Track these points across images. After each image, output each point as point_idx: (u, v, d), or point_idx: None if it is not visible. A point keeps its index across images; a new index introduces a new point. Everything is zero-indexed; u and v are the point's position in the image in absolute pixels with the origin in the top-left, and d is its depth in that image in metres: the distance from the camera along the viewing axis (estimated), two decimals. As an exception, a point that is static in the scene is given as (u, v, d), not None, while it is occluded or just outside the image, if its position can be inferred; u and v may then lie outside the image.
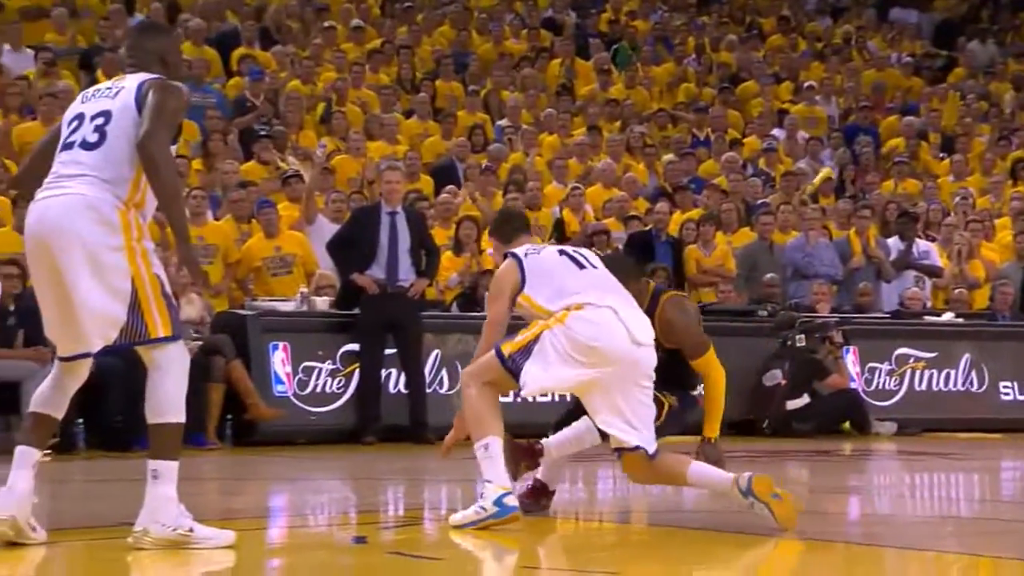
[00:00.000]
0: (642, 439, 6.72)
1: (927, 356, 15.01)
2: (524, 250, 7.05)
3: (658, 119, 20.53)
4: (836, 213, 17.42)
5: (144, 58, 6.24)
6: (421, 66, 20.40)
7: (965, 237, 17.04)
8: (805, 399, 13.94)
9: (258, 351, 12.49)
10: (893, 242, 16.93)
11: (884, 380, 14.84)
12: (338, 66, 19.10)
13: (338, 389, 12.71)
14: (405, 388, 12.73)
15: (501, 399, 6.92)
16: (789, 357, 13.98)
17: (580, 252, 7.22)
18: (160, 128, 5.91)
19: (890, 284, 16.52)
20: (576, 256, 7.09)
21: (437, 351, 12.92)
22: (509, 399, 7.01)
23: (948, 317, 15.65)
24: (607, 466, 7.06)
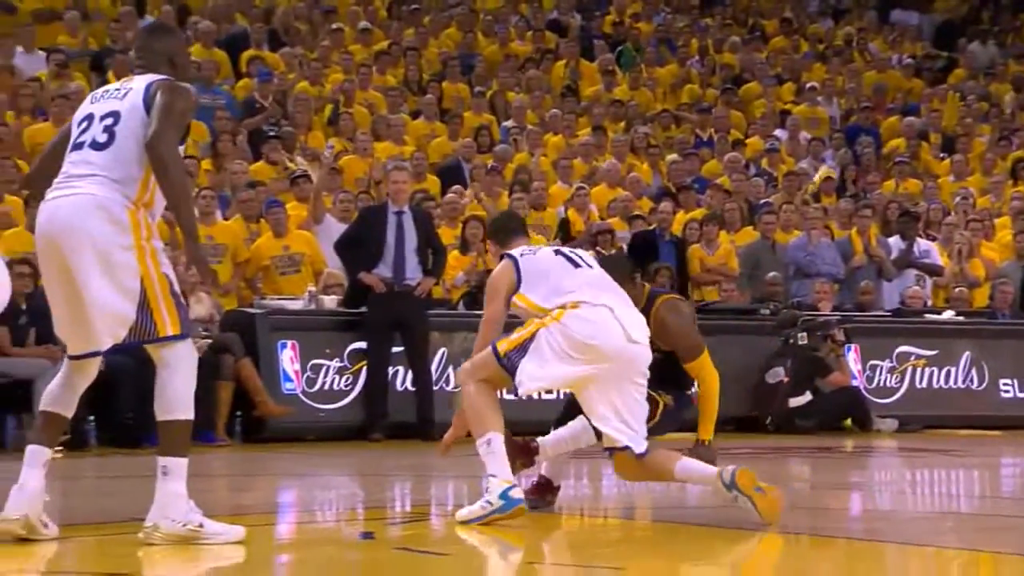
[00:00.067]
0: (632, 439, 6.73)
1: (928, 354, 15.00)
2: (520, 251, 7.06)
3: (662, 120, 20.52)
4: (838, 213, 17.39)
5: (152, 59, 6.24)
6: (428, 67, 20.39)
7: (965, 236, 17.02)
8: (807, 396, 13.93)
9: (267, 349, 12.50)
10: (894, 241, 16.91)
11: (885, 378, 14.82)
12: (346, 68, 19.09)
13: (346, 387, 12.71)
14: (412, 385, 12.73)
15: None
16: (791, 355, 13.97)
17: (576, 252, 7.23)
18: (168, 128, 5.91)
19: (891, 283, 16.51)
20: (572, 256, 7.10)
21: (444, 349, 12.92)
22: (509, 396, 6.95)
23: (948, 315, 15.62)
24: (611, 463, 7.06)
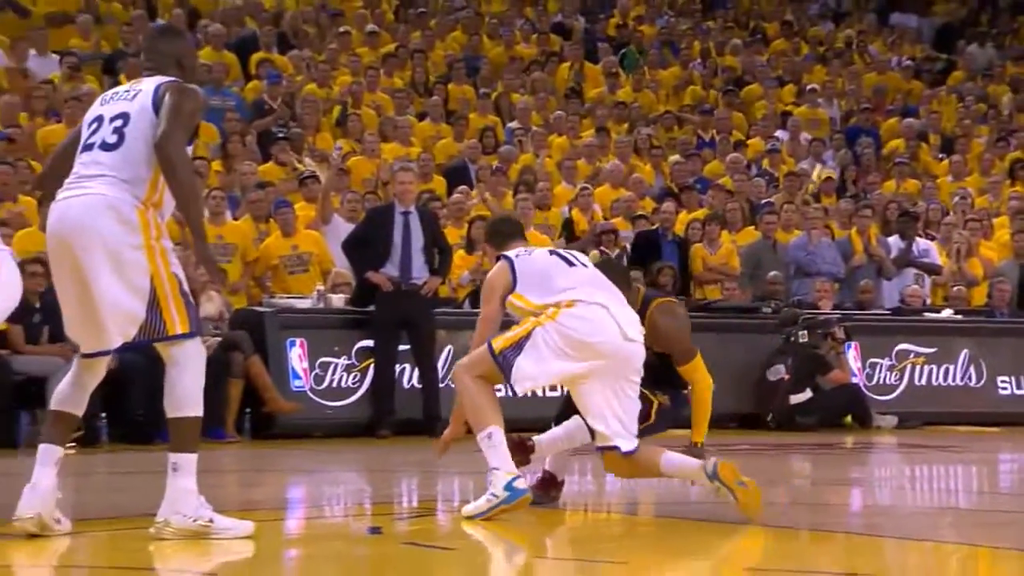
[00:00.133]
0: (622, 438, 6.75)
1: (927, 352, 14.98)
2: (515, 252, 7.07)
3: (664, 121, 20.51)
4: (838, 212, 17.38)
5: (161, 61, 6.24)
6: (434, 70, 20.39)
7: (964, 236, 17.00)
8: (808, 394, 13.92)
9: (276, 347, 12.50)
10: (894, 241, 16.90)
11: (885, 375, 14.81)
12: (353, 70, 19.10)
13: (353, 384, 12.71)
14: (419, 383, 12.73)
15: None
16: (792, 353, 13.96)
17: (571, 252, 7.25)
18: (177, 129, 5.91)
19: (891, 282, 16.50)
20: (566, 255, 7.12)
21: (450, 347, 12.91)
22: (505, 394, 6.94)
23: (947, 314, 15.62)
24: (602, 460, 7.08)
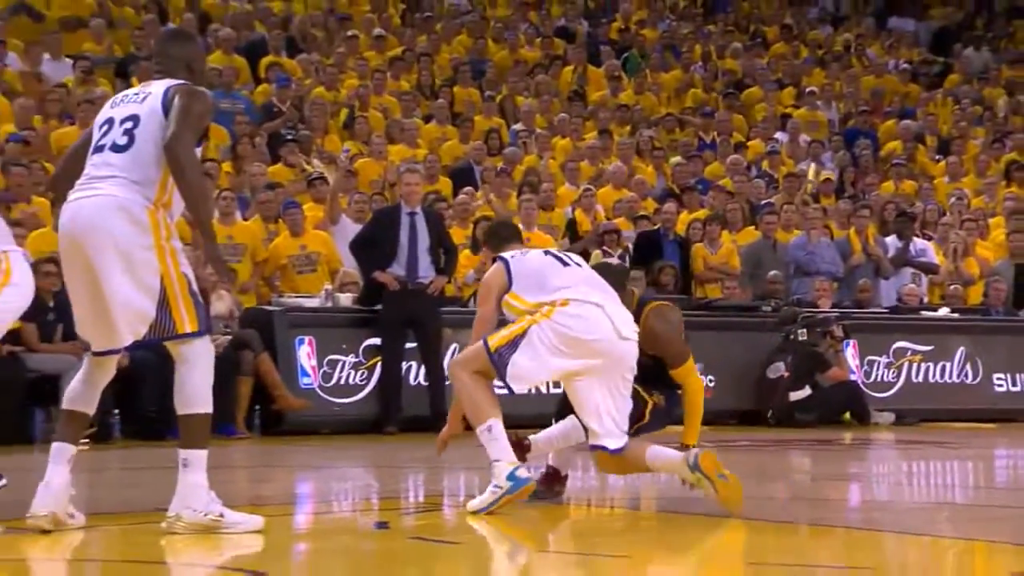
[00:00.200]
0: (612, 437, 6.75)
1: (924, 349, 14.98)
2: (511, 254, 7.08)
3: (666, 123, 20.51)
4: (837, 213, 17.38)
5: (170, 64, 6.24)
6: (440, 73, 20.40)
7: (960, 236, 16.99)
8: (807, 391, 13.92)
9: (285, 345, 12.50)
10: (891, 240, 16.89)
11: (883, 372, 14.81)
12: (361, 73, 19.10)
13: (361, 381, 12.72)
14: (425, 380, 12.73)
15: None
16: (792, 350, 13.96)
17: (566, 253, 7.27)
18: (186, 131, 5.91)
19: (888, 281, 16.49)
20: (561, 256, 7.14)
21: (455, 345, 12.90)
22: (503, 392, 6.93)
23: (944, 312, 15.61)
24: (593, 458, 7.09)
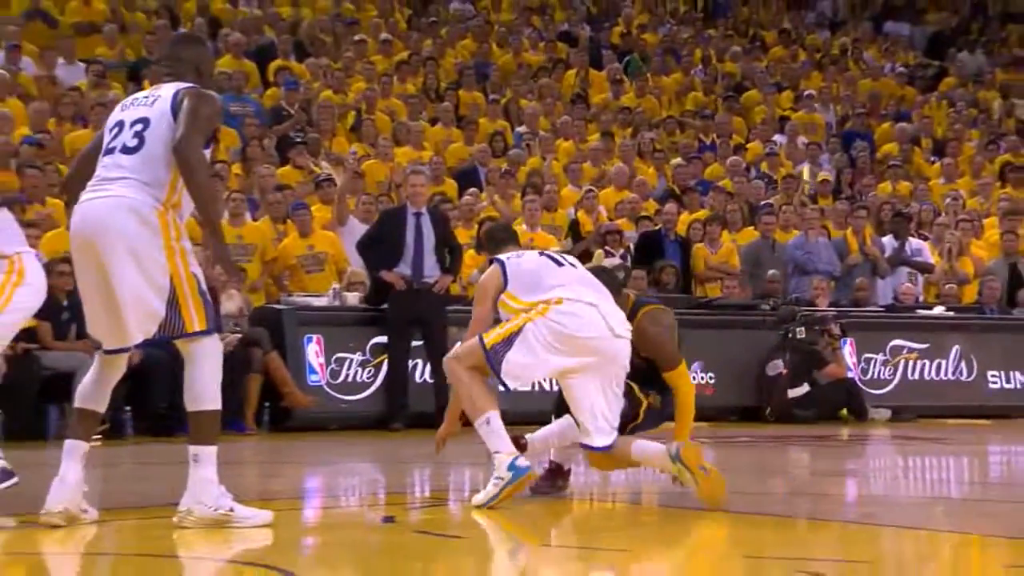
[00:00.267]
0: (602, 435, 6.76)
1: (920, 347, 14.97)
2: (507, 255, 7.09)
3: (667, 126, 20.50)
4: (834, 213, 17.36)
5: (179, 68, 6.24)
6: (445, 77, 20.39)
7: (955, 236, 16.98)
8: (805, 388, 13.91)
9: (293, 343, 12.51)
10: (888, 240, 16.89)
11: (879, 370, 14.80)
12: (368, 77, 19.09)
13: (368, 379, 12.72)
14: (430, 378, 12.72)
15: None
16: (790, 348, 13.95)
17: (561, 254, 7.28)
18: (194, 133, 5.91)
19: (885, 280, 16.48)
20: (556, 256, 7.16)
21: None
22: (508, 389, 6.93)
23: (939, 310, 15.60)
24: (584, 455, 7.10)
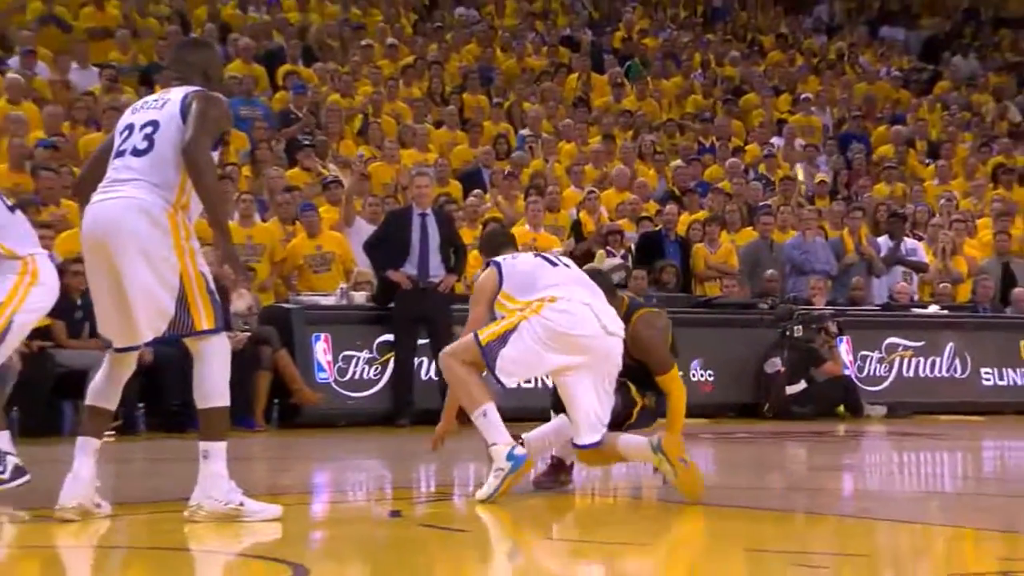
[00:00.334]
0: (592, 433, 6.76)
1: (914, 345, 14.97)
2: (503, 257, 7.10)
3: (667, 128, 20.49)
4: (831, 214, 17.36)
5: (188, 71, 6.24)
6: (450, 80, 20.39)
7: (949, 236, 16.98)
8: (803, 385, 13.91)
9: (302, 341, 12.51)
10: (883, 240, 16.89)
11: (875, 367, 14.79)
12: (374, 81, 19.10)
13: (375, 376, 12.73)
14: (436, 375, 12.68)
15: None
16: (788, 346, 13.96)
17: (556, 255, 7.30)
18: (203, 135, 5.91)
19: (880, 279, 16.48)
20: (550, 257, 7.17)
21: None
22: (511, 385, 6.93)
23: (934, 309, 15.60)
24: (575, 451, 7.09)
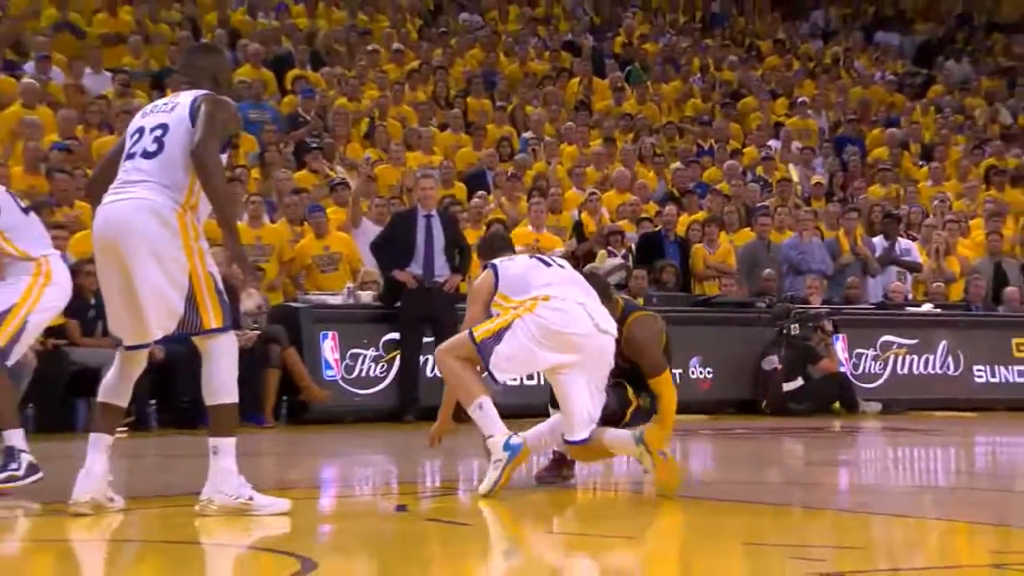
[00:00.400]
0: (582, 430, 6.77)
1: (908, 343, 14.95)
2: (500, 260, 7.11)
3: (667, 131, 20.48)
4: (827, 215, 17.34)
5: (197, 75, 6.24)
6: (454, 84, 20.39)
7: (942, 236, 16.97)
8: (799, 382, 13.90)
9: (310, 339, 12.51)
10: (878, 241, 16.87)
11: (870, 364, 14.78)
12: (380, 85, 19.10)
13: (381, 373, 12.72)
14: (440, 373, 12.71)
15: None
16: (785, 344, 13.95)
17: (551, 257, 7.32)
18: (211, 138, 5.91)
19: (875, 278, 16.46)
20: (544, 258, 7.19)
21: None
22: (512, 382, 6.95)
23: (927, 308, 15.59)
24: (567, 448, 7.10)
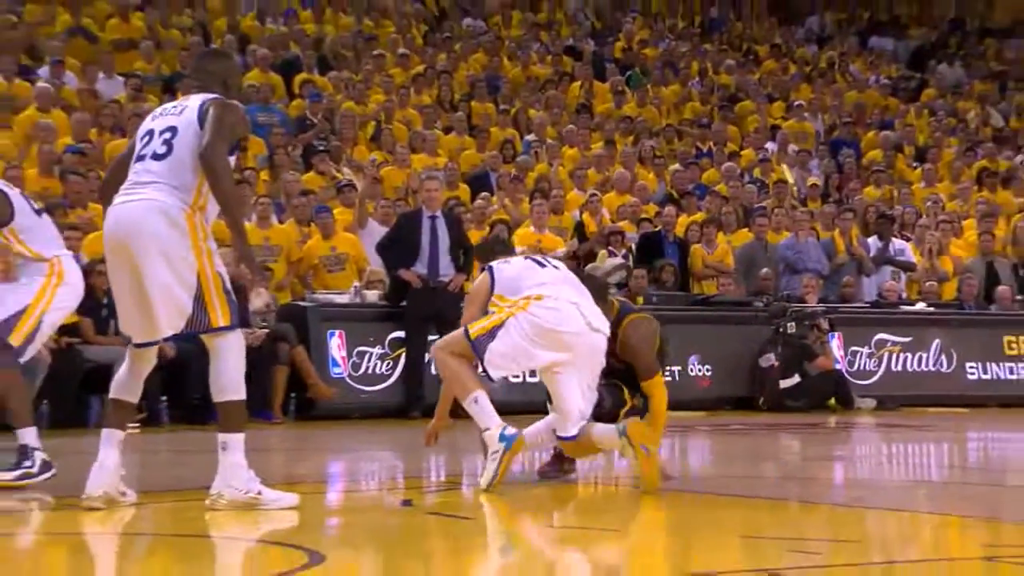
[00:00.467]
0: (573, 429, 6.77)
1: (902, 341, 14.94)
2: (497, 262, 7.12)
3: (666, 134, 20.47)
4: (822, 216, 17.34)
5: (207, 80, 6.24)
6: (459, 88, 20.39)
7: (936, 236, 16.95)
8: (796, 379, 13.90)
9: (317, 338, 12.52)
10: (872, 241, 16.87)
11: (865, 362, 14.78)
12: (386, 89, 19.10)
13: (387, 371, 12.73)
14: (445, 370, 12.73)
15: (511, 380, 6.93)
16: (782, 342, 13.94)
17: (546, 258, 7.31)
18: (219, 140, 5.91)
19: (870, 278, 16.46)
20: (539, 259, 7.20)
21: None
22: (513, 380, 6.95)
23: (921, 307, 15.59)
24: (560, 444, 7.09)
